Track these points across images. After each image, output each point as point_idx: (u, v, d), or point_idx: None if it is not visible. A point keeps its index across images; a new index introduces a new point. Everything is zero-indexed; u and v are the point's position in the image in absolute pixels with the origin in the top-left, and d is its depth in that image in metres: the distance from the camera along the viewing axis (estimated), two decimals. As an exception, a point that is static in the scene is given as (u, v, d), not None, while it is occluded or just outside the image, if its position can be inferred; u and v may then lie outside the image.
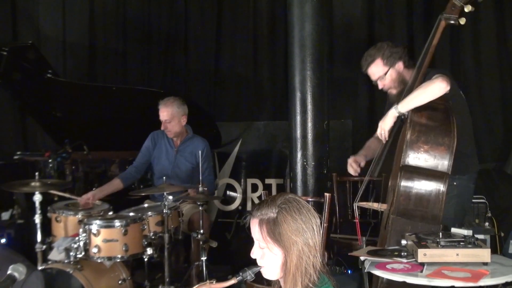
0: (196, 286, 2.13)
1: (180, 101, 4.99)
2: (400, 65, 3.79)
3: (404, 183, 3.41)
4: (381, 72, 3.81)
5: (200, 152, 4.57)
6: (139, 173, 5.20)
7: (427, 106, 3.51)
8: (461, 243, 2.89)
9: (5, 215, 5.55)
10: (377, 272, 2.87)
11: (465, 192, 3.76)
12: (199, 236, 4.15)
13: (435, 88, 3.43)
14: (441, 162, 3.41)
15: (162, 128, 4.98)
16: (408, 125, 3.45)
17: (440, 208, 3.39)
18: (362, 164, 4.03)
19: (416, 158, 3.44)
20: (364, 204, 3.88)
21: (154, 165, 5.16)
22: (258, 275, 2.12)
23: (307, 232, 2.01)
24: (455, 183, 3.64)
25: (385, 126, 3.61)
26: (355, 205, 3.80)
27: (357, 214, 3.80)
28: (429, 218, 3.39)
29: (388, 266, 2.89)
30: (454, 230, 3.15)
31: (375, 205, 3.78)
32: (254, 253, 2.08)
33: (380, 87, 3.88)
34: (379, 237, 3.83)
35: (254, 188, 6.37)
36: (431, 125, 3.45)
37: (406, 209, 3.41)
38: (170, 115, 4.91)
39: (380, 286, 3.23)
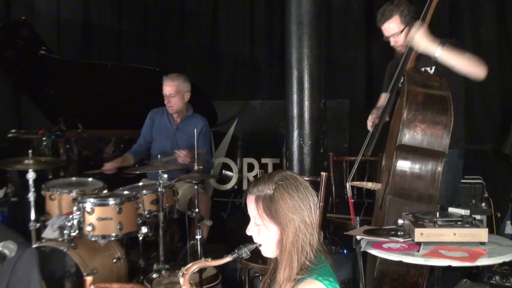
0: (191, 263, 2.10)
1: (185, 77, 4.98)
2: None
3: (400, 163, 3.39)
4: (396, 29, 3.73)
5: (196, 129, 4.53)
6: (144, 151, 5.24)
7: (423, 84, 3.47)
8: (459, 223, 2.87)
9: None
10: (373, 252, 2.85)
11: (454, 168, 3.74)
12: (194, 214, 4.12)
13: (478, 71, 3.40)
14: (438, 141, 3.38)
15: (165, 102, 4.94)
16: (405, 103, 3.41)
17: (436, 188, 3.37)
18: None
19: (412, 137, 3.40)
20: (357, 183, 3.86)
21: (153, 143, 5.12)
22: (254, 253, 2.09)
23: (304, 210, 1.98)
24: (444, 160, 3.62)
25: (417, 40, 3.46)
26: (348, 184, 3.77)
27: (350, 194, 3.77)
28: (425, 198, 3.37)
29: (384, 246, 2.86)
30: (451, 209, 3.13)
31: (369, 185, 3.76)
32: (250, 230, 2.05)
33: (392, 43, 3.80)
34: (373, 217, 3.81)
35: (250, 167, 6.34)
36: (428, 104, 3.41)
37: (402, 189, 3.39)
38: (175, 89, 4.88)
39: (377, 267, 3.22)
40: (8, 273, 2.37)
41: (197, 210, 4.15)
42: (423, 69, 3.74)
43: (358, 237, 3.03)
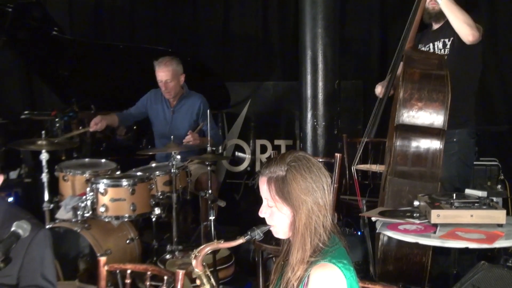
0: (204, 245, 2.08)
1: (177, 60, 4.84)
2: None
3: (400, 143, 3.35)
4: None
5: (197, 110, 4.47)
6: (131, 119, 5.19)
7: (421, 62, 3.43)
8: (476, 204, 2.83)
9: (13, 174, 5.54)
10: (389, 233, 2.82)
11: (465, 147, 3.69)
12: (207, 195, 4.11)
13: (468, 32, 3.43)
14: (437, 118, 3.34)
15: (162, 89, 4.83)
16: (401, 83, 3.37)
17: (438, 165, 3.33)
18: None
19: (411, 116, 3.36)
20: (362, 166, 3.83)
21: (153, 127, 5.09)
22: (267, 235, 2.07)
23: (317, 191, 1.95)
24: (454, 140, 3.57)
25: None
26: (353, 167, 3.74)
27: (355, 177, 3.74)
28: (427, 177, 3.33)
29: (400, 227, 2.83)
30: (468, 191, 3.08)
31: (373, 167, 3.73)
32: (263, 212, 2.02)
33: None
34: (379, 199, 3.78)
35: (263, 149, 6.31)
36: (424, 82, 3.36)
37: (404, 169, 3.35)
38: (171, 74, 4.77)
39: (379, 248, 3.19)
40: (22, 253, 2.37)
41: (209, 191, 4.14)
42: (441, 40, 3.69)
43: (373, 219, 2.99)
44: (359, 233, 4.38)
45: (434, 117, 3.32)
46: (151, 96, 5.05)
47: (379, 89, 3.91)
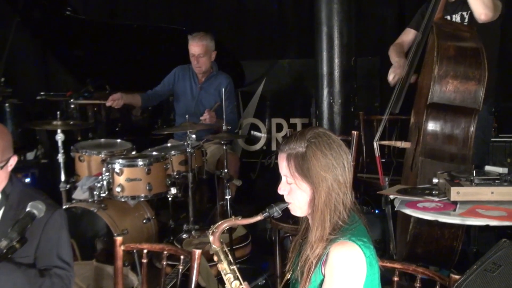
0: (222, 221, 2.06)
1: (211, 36, 4.86)
2: None
3: (431, 122, 3.27)
4: None
5: (223, 89, 4.45)
6: (156, 100, 5.14)
7: (454, 36, 3.32)
8: (496, 181, 2.77)
9: (30, 155, 5.57)
10: (408, 211, 2.77)
11: (484, 124, 3.60)
12: (223, 174, 4.09)
13: (482, 9, 3.26)
14: (471, 97, 3.22)
15: (194, 63, 4.84)
16: (435, 59, 3.25)
17: (469, 147, 3.25)
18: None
19: (444, 94, 3.25)
20: (385, 142, 3.75)
21: (176, 103, 5.06)
22: (284, 213, 2.04)
23: (337, 168, 1.91)
24: None
25: None
26: (376, 143, 3.66)
27: (377, 153, 3.67)
28: (458, 159, 3.26)
29: (419, 205, 2.78)
30: (488, 168, 3.02)
31: (398, 143, 3.64)
32: (281, 189, 1.98)
33: None
34: (402, 177, 3.71)
35: (279, 128, 6.27)
36: (460, 58, 3.25)
37: (434, 150, 3.27)
38: (204, 49, 4.78)
39: (410, 230, 3.14)
40: (38, 234, 2.37)
41: (226, 170, 4.12)
42: (458, 13, 3.59)
43: (392, 197, 2.95)
44: (376, 212, 4.35)
45: (469, 96, 3.20)
46: (179, 72, 5.03)
47: (391, 77, 3.79)
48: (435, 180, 2.97)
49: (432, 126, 3.27)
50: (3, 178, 2.41)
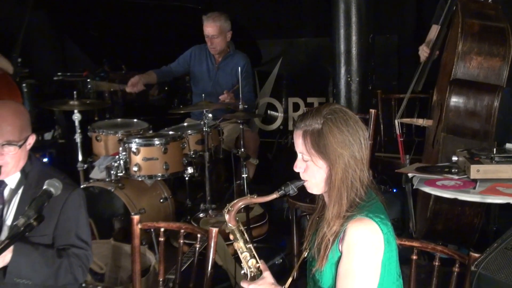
0: (237, 200, 2.04)
1: (226, 16, 4.83)
2: None
3: (454, 99, 3.22)
4: None
5: (240, 69, 4.43)
6: (170, 77, 5.14)
7: (479, 13, 3.26)
8: (517, 159, 2.73)
9: (47, 136, 5.60)
10: (427, 189, 2.75)
11: (505, 107, 3.55)
12: (239, 153, 4.07)
13: None
14: (495, 74, 3.19)
15: (208, 44, 4.82)
16: (459, 35, 3.21)
17: (492, 124, 3.20)
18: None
19: (468, 70, 3.22)
20: (407, 120, 3.71)
21: (193, 83, 5.05)
22: (301, 192, 2.01)
23: (354, 144, 1.88)
24: None
25: None
26: (397, 121, 3.63)
27: (399, 131, 3.63)
28: (481, 135, 3.22)
29: (438, 183, 2.75)
30: (509, 145, 2.97)
31: (420, 121, 3.60)
32: (297, 166, 1.96)
33: None
34: (424, 155, 3.68)
35: (296, 107, 6.23)
36: (484, 35, 3.21)
37: (456, 126, 3.24)
38: (218, 30, 4.75)
39: (430, 207, 3.11)
40: (57, 213, 2.39)
41: (242, 149, 4.11)
42: None
43: (410, 175, 2.92)
44: (394, 191, 4.31)
45: (493, 73, 3.17)
46: (195, 51, 5.01)
47: (424, 54, 3.72)
48: (454, 158, 2.94)
49: (455, 102, 3.23)
50: (22, 157, 2.43)
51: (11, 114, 2.38)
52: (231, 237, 2.06)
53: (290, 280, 2.08)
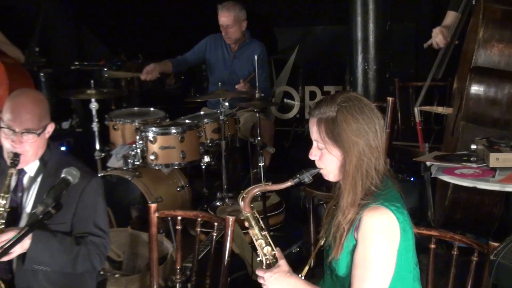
0: (252, 186, 2.04)
1: (241, 5, 4.81)
2: None
3: (474, 86, 3.18)
4: None
5: (256, 57, 4.41)
6: (185, 66, 5.15)
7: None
8: (538, 147, 2.69)
9: (65, 125, 5.63)
10: (445, 178, 2.72)
11: None
12: (256, 142, 4.07)
13: None
14: None
15: (223, 33, 4.83)
16: (481, 22, 3.17)
17: None
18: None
19: (489, 58, 3.18)
20: (426, 108, 3.67)
21: (210, 72, 5.05)
22: (318, 181, 2.00)
23: (369, 133, 1.87)
24: None
25: None
26: (417, 109, 3.59)
27: (418, 119, 3.59)
28: (501, 124, 3.18)
29: (456, 172, 2.73)
30: (529, 133, 2.94)
31: (439, 109, 3.56)
32: (312, 154, 1.95)
33: None
34: (443, 143, 3.64)
35: (312, 95, 6.20)
36: (506, 21, 3.16)
37: (476, 114, 3.20)
38: (232, 20, 4.74)
39: (448, 196, 3.08)
40: (75, 201, 2.41)
41: (259, 138, 4.10)
42: None
43: (428, 163, 2.89)
44: (412, 179, 4.28)
45: None
46: (210, 41, 5.02)
47: (439, 39, 3.64)
48: (473, 147, 2.91)
49: (475, 90, 3.19)
50: (41, 146, 2.44)
51: (31, 103, 2.39)
52: (246, 224, 2.06)
53: (306, 268, 2.08)
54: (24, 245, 2.24)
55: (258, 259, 2.06)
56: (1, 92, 3.98)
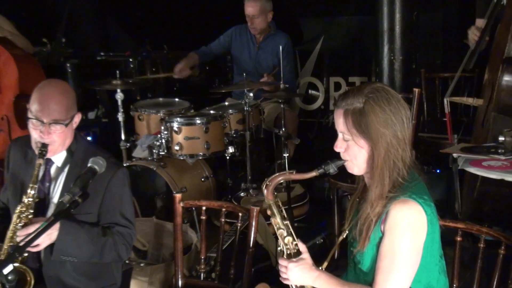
0: (276, 174, 2.03)
1: None
2: None
3: (506, 77, 3.14)
4: None
5: (281, 48, 4.39)
6: (211, 56, 5.15)
7: None
8: None
9: (91, 115, 5.69)
10: (472, 170, 2.69)
11: None
12: (281, 133, 4.07)
13: None
14: None
15: (248, 23, 4.82)
16: None
17: None
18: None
19: None
20: (457, 99, 3.62)
21: (235, 63, 5.05)
22: (342, 172, 1.99)
23: (396, 124, 1.85)
24: None
25: None
26: (446, 99, 3.53)
27: (447, 109, 3.53)
28: None
29: (484, 163, 2.69)
30: (558, 125, 2.88)
31: (470, 100, 3.51)
32: (338, 146, 1.94)
33: None
34: (473, 135, 3.59)
35: (337, 86, 6.17)
36: None
37: (507, 106, 3.16)
38: (258, 10, 4.73)
39: (477, 188, 3.04)
40: (102, 191, 2.42)
41: (283, 129, 4.09)
42: None
43: (455, 155, 2.86)
44: (438, 171, 4.24)
45: None
46: (236, 31, 5.02)
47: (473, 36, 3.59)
48: (501, 138, 2.86)
49: (507, 81, 3.15)
50: (69, 136, 2.46)
51: (58, 93, 2.41)
52: (269, 212, 2.05)
53: (329, 259, 2.07)
54: (52, 237, 2.28)
55: (279, 248, 2.05)
56: (12, 82, 4.02)
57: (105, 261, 2.45)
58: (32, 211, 2.35)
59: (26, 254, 2.31)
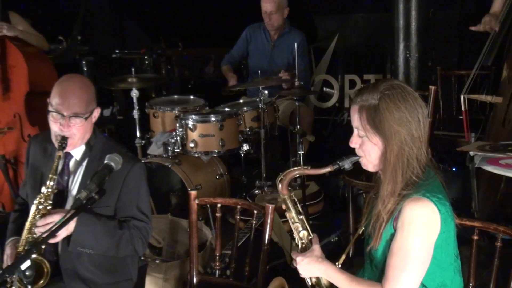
0: (291, 169, 2.03)
1: None
2: None
3: None
4: None
5: (296, 46, 4.39)
6: (237, 61, 5.23)
7: None
8: None
9: (106, 112, 5.71)
10: (489, 168, 2.67)
11: None
12: (296, 130, 4.06)
13: None
14: None
15: (266, 20, 4.84)
16: None
17: None
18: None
19: None
20: (474, 96, 3.58)
21: (250, 61, 5.06)
22: (358, 170, 1.99)
23: (412, 122, 1.84)
24: None
25: None
26: (463, 96, 3.49)
27: (464, 107, 3.50)
28: None
29: (501, 162, 2.66)
30: None
31: (489, 98, 3.46)
32: (353, 142, 1.94)
33: None
34: (490, 134, 3.55)
35: (352, 84, 6.13)
36: None
37: None
38: (276, 6, 4.76)
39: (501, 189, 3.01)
40: (119, 185, 2.45)
41: (298, 126, 4.09)
42: None
43: (472, 153, 2.83)
44: (453, 170, 4.21)
45: None
46: (250, 31, 5.07)
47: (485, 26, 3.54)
48: (518, 136, 2.84)
49: None
50: (88, 130, 2.49)
51: (78, 87, 2.44)
52: (283, 207, 2.06)
53: (343, 257, 2.06)
54: (69, 228, 2.30)
55: (295, 243, 2.06)
56: (22, 80, 4.04)
57: (121, 254, 2.47)
58: (50, 202, 2.38)
59: (43, 247, 2.35)
